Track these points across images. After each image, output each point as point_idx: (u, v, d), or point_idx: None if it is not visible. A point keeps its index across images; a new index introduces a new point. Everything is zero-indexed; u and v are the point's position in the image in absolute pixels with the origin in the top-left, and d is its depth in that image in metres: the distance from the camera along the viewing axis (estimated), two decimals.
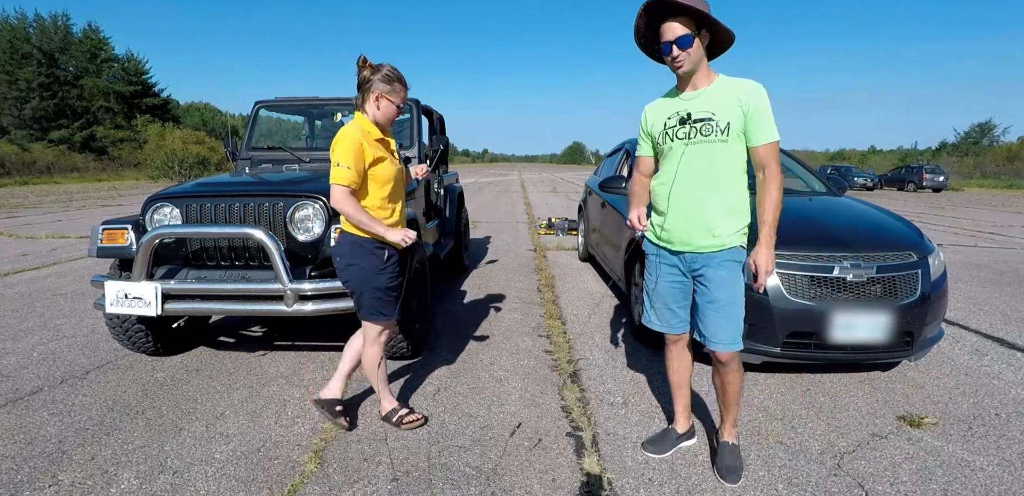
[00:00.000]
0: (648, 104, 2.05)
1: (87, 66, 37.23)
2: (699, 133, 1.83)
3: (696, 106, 1.85)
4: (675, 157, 1.90)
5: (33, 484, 1.93)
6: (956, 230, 9.71)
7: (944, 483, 1.98)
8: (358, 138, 1.98)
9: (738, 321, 1.90)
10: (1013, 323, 3.95)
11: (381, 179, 2.07)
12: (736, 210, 1.90)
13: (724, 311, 1.89)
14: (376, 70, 2.05)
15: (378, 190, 2.09)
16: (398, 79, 2.07)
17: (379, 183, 2.07)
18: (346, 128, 2.04)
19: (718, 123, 1.81)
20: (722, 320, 1.89)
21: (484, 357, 3.23)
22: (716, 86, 1.85)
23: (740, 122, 1.80)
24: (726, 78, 1.87)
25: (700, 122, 1.83)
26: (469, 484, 1.96)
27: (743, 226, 1.92)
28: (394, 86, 2.05)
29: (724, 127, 1.80)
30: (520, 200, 15.71)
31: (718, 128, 1.81)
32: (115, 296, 2.57)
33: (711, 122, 1.82)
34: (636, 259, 3.57)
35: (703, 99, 1.85)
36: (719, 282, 1.89)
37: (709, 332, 1.92)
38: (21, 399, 2.63)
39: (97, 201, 14.95)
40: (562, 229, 8.40)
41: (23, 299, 4.47)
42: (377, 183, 2.07)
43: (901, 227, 3.13)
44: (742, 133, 1.82)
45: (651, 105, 2.03)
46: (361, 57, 2.06)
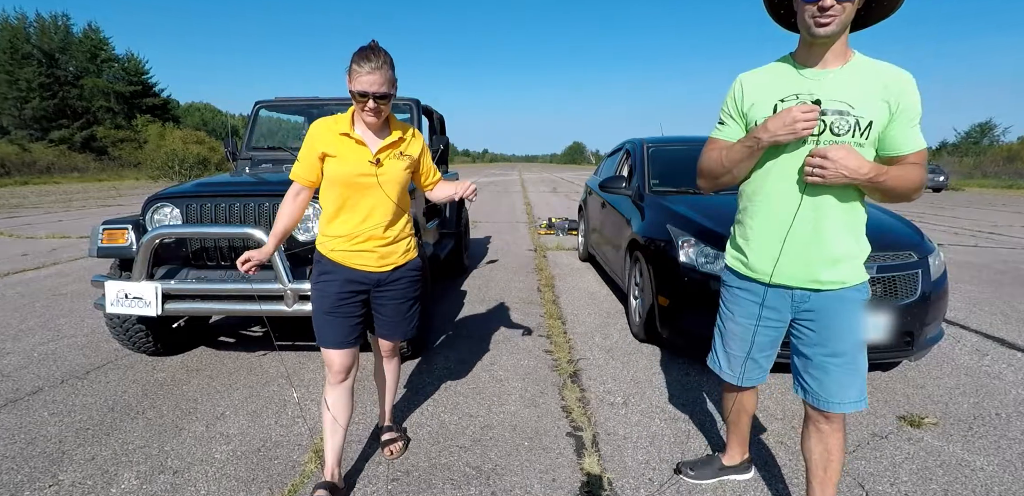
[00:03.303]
0: (746, 73, 1.55)
1: (87, 66, 37.24)
2: (829, 130, 1.37)
3: (827, 90, 1.38)
4: (791, 158, 1.41)
5: (33, 484, 1.93)
6: (956, 230, 9.70)
7: (944, 483, 1.98)
8: (315, 128, 1.79)
9: (865, 374, 1.50)
10: (1013, 323, 3.95)
11: (328, 179, 1.78)
12: (862, 234, 1.48)
13: (851, 365, 1.47)
14: None
15: (328, 193, 1.80)
16: (357, 58, 1.64)
17: (327, 184, 1.80)
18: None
19: (859, 120, 1.35)
20: (848, 376, 1.47)
21: (484, 357, 3.23)
22: (853, 68, 1.38)
23: (883, 121, 1.36)
24: (864, 58, 1.40)
25: (834, 115, 1.36)
26: (469, 484, 1.96)
27: (867, 255, 1.50)
28: (351, 67, 1.65)
29: (865, 127, 1.35)
30: (520, 200, 15.71)
31: (857, 127, 1.35)
32: (115, 296, 2.57)
33: (847, 117, 1.35)
34: (635, 259, 3.57)
35: (836, 82, 1.38)
36: (842, 328, 1.46)
37: (829, 392, 1.48)
38: (21, 399, 2.63)
39: (97, 201, 14.96)
40: (562, 229, 8.40)
41: (23, 299, 4.47)
42: (326, 184, 1.80)
43: (901, 227, 3.13)
44: (879, 137, 1.38)
45: (753, 75, 1.53)
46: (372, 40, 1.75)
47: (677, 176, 4.24)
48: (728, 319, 1.69)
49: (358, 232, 1.78)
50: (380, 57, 1.64)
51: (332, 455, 1.88)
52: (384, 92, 1.65)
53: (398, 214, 1.86)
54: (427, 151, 1.97)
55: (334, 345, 1.84)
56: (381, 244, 1.82)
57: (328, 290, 1.82)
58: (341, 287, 1.82)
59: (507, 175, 37.99)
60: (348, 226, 1.79)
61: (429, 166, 2.00)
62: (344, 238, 1.79)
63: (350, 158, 1.74)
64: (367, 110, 1.68)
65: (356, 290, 1.85)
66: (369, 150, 1.76)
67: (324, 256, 1.83)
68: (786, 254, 1.46)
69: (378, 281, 1.87)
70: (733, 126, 1.55)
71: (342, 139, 1.75)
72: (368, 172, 1.75)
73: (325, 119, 1.79)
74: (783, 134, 1.34)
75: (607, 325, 3.85)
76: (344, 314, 1.84)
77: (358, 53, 1.65)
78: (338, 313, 1.83)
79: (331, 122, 1.78)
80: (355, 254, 1.81)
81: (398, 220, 1.87)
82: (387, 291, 1.90)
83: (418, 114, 4.30)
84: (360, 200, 1.77)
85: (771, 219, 1.48)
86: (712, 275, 2.83)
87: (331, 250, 1.81)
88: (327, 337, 1.84)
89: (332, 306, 1.82)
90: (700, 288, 2.86)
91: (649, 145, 4.57)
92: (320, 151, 1.75)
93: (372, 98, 1.65)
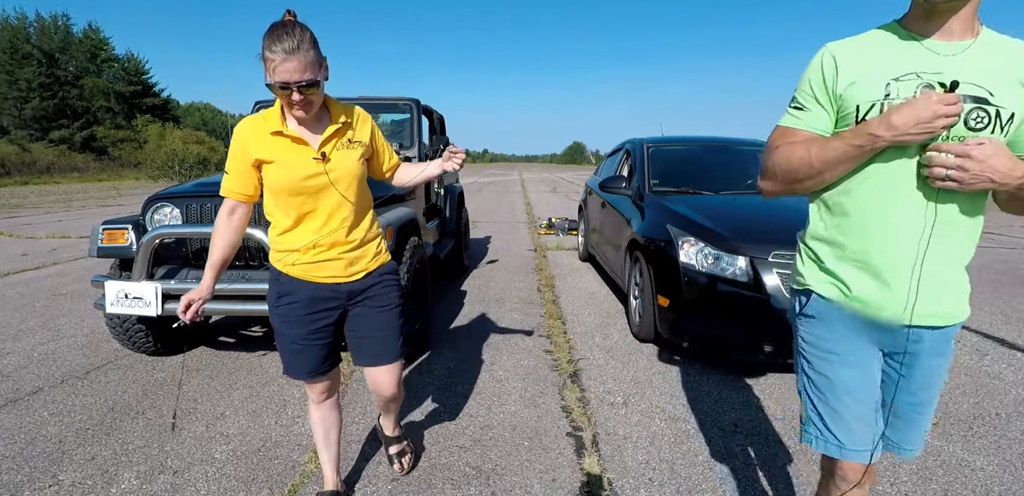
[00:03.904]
0: (836, 42, 1.15)
1: (87, 66, 37.24)
2: (964, 122, 1.01)
3: (960, 69, 1.02)
4: (905, 157, 1.04)
5: (33, 484, 1.93)
6: None
7: (944, 483, 1.98)
8: (241, 131, 1.48)
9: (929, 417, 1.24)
10: (1013, 323, 3.95)
11: (271, 190, 1.49)
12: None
13: (927, 411, 1.22)
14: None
15: (274, 205, 1.52)
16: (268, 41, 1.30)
17: (271, 195, 1.50)
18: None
19: (999, 111, 1.00)
20: (922, 421, 1.22)
21: (484, 357, 3.23)
22: (985, 43, 1.04)
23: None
24: (992, 32, 1.07)
25: (971, 103, 1.00)
26: (469, 484, 1.96)
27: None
28: (263, 53, 1.32)
29: (1007, 120, 1.01)
30: (520, 200, 15.71)
31: (998, 120, 1.01)
32: (115, 296, 2.57)
33: (986, 108, 1.00)
34: (635, 259, 3.57)
35: (971, 60, 1.03)
36: (933, 371, 1.18)
37: (899, 436, 1.23)
38: (21, 399, 2.63)
39: (97, 201, 14.95)
40: (562, 229, 8.40)
41: (23, 299, 4.47)
42: (270, 195, 1.51)
43: None
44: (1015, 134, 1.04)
45: (848, 44, 1.13)
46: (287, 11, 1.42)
47: (677, 176, 4.24)
48: (835, 364, 1.18)
49: (318, 241, 1.51)
50: (295, 35, 1.29)
51: (329, 466, 1.79)
52: (310, 79, 1.33)
53: (361, 212, 1.60)
54: (378, 131, 1.67)
55: (309, 377, 1.64)
56: (347, 249, 1.56)
57: (292, 315, 1.56)
58: (307, 308, 1.56)
59: (507, 175, 38.00)
60: (305, 236, 1.51)
61: (383, 148, 1.69)
62: (302, 250, 1.52)
63: (290, 160, 1.45)
64: (294, 104, 1.37)
65: (326, 308, 1.59)
66: (310, 146, 1.47)
67: (281, 273, 1.56)
68: (923, 284, 1.07)
69: (350, 293, 1.60)
70: (818, 112, 1.14)
71: (276, 140, 1.45)
72: (315, 171, 1.46)
73: (250, 118, 1.49)
74: (914, 133, 0.97)
75: (607, 325, 3.85)
76: (315, 340, 1.59)
77: (268, 34, 1.30)
78: (309, 341, 1.58)
79: (258, 121, 1.47)
80: (318, 265, 1.54)
81: (362, 219, 1.60)
82: (362, 303, 1.64)
83: (418, 114, 4.31)
84: (314, 205, 1.50)
85: (891, 238, 1.08)
86: (712, 275, 2.83)
87: (290, 265, 1.54)
88: (297, 369, 1.62)
89: (301, 335, 1.58)
90: (700, 288, 2.87)
91: (649, 145, 4.57)
92: (253, 158, 1.46)
93: (296, 89, 1.33)
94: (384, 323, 1.67)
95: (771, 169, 1.20)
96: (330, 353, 1.66)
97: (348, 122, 1.54)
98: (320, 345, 1.61)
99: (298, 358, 1.61)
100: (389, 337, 1.68)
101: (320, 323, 1.59)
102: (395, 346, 1.70)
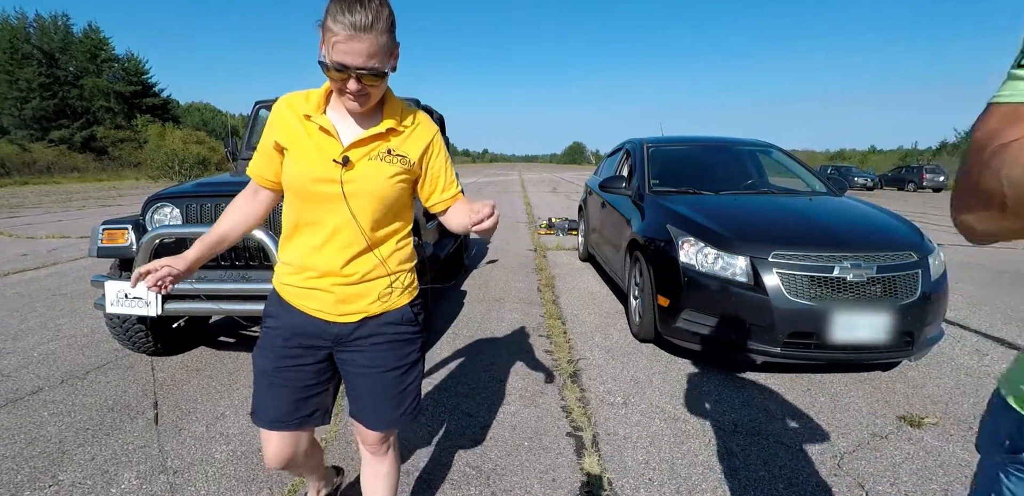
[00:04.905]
0: None
1: (87, 66, 37.25)
2: None
3: None
4: None
5: (33, 484, 1.93)
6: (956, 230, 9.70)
7: (944, 483, 1.98)
8: (276, 108, 1.23)
9: None
10: (1013, 323, 3.95)
11: (286, 180, 1.22)
12: None
13: None
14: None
15: (285, 202, 1.27)
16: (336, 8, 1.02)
17: (284, 189, 1.25)
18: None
19: None
20: None
21: (484, 357, 3.23)
22: None
23: None
24: None
25: None
26: (469, 484, 1.96)
27: None
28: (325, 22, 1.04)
29: None
30: (520, 200, 15.70)
31: None
32: (115, 296, 2.57)
33: None
34: (635, 259, 3.57)
35: None
36: None
37: None
38: (21, 399, 2.63)
39: (97, 201, 14.95)
40: (562, 229, 8.40)
41: (23, 299, 4.47)
42: (284, 189, 1.25)
43: (901, 227, 3.13)
44: None
45: None
46: None
47: (677, 176, 4.24)
48: None
49: (311, 264, 1.22)
50: (372, 9, 1.02)
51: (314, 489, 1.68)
52: (375, 67, 1.06)
53: (376, 242, 1.24)
54: (440, 152, 1.30)
55: (267, 423, 1.30)
56: (341, 282, 1.23)
57: (270, 342, 1.29)
58: (286, 339, 1.27)
59: (507, 175, 37.99)
60: (298, 251, 1.24)
61: (438, 175, 1.30)
62: (296, 269, 1.25)
63: (307, 153, 1.17)
64: (348, 93, 1.10)
65: (308, 346, 1.28)
66: (338, 142, 1.17)
67: (275, 291, 1.31)
68: None
69: (337, 337, 1.27)
70: None
71: (303, 124, 1.18)
72: (328, 176, 1.15)
73: (293, 94, 1.23)
74: None
75: (607, 325, 3.85)
76: (287, 380, 1.28)
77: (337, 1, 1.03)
78: (279, 377, 1.28)
79: (297, 99, 1.21)
80: (306, 293, 1.24)
81: (373, 251, 1.24)
82: (354, 353, 1.29)
83: None
84: (316, 217, 1.20)
85: None
86: (712, 275, 2.83)
87: (282, 283, 1.28)
88: (260, 408, 1.31)
89: (272, 366, 1.28)
90: (700, 288, 2.87)
91: (649, 145, 4.57)
92: (274, 139, 1.21)
93: (355, 76, 1.06)
94: (385, 386, 1.31)
95: (996, 188, 0.54)
96: (302, 403, 1.30)
97: (397, 128, 1.21)
98: (291, 388, 1.28)
99: (263, 395, 1.30)
100: (384, 404, 1.32)
101: (296, 361, 1.28)
102: (391, 415, 1.33)
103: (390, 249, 1.28)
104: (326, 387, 1.35)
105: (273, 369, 1.28)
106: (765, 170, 4.55)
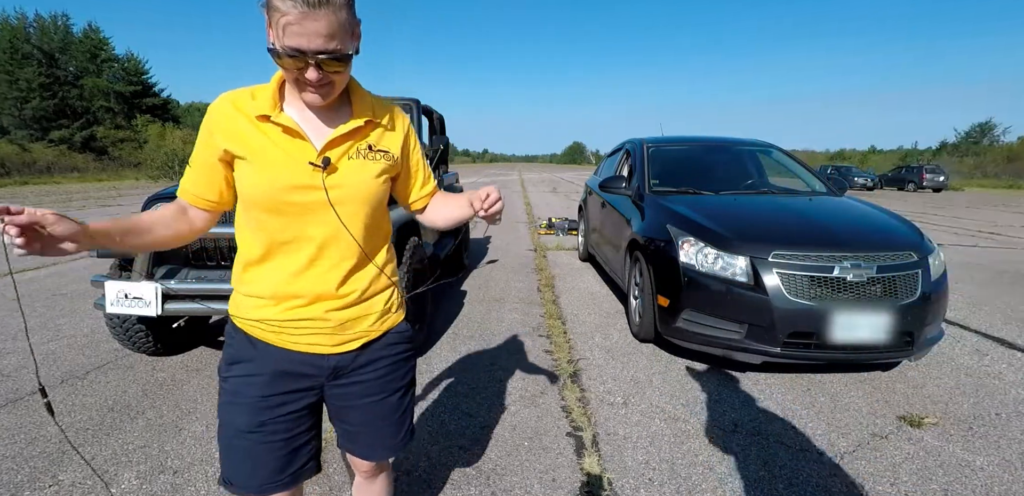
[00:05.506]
0: None
1: (87, 66, 37.24)
2: None
3: None
4: None
5: (33, 484, 1.93)
6: (956, 230, 9.70)
7: (944, 483, 1.98)
8: (215, 110, 1.01)
9: None
10: (1013, 323, 3.95)
11: (242, 198, 1.03)
12: None
13: None
14: None
15: (244, 223, 1.05)
16: None
17: (242, 207, 1.05)
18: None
19: None
20: None
21: (484, 357, 3.23)
22: None
23: None
24: None
25: None
26: (469, 484, 1.96)
27: None
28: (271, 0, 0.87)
29: None
30: (520, 200, 15.70)
31: None
32: (115, 296, 2.57)
33: None
34: (635, 259, 3.57)
35: None
36: None
37: None
38: (21, 399, 2.63)
39: (97, 201, 14.94)
40: (562, 229, 8.40)
41: (23, 299, 4.47)
42: (241, 207, 1.05)
43: (901, 227, 3.13)
44: None
45: None
46: None
47: (677, 176, 4.24)
48: None
49: (295, 291, 1.03)
50: None
51: None
52: (336, 49, 0.89)
53: (371, 251, 1.10)
54: (416, 143, 1.19)
55: (255, 490, 1.09)
56: (339, 306, 1.06)
57: (244, 394, 1.06)
58: (268, 387, 1.06)
59: (507, 175, 38.00)
60: (278, 278, 1.03)
61: (417, 168, 1.19)
62: (272, 300, 1.04)
63: (275, 160, 0.98)
64: (308, 84, 0.93)
65: (298, 389, 1.09)
66: (311, 144, 0.99)
67: (239, 330, 1.08)
68: None
69: (335, 369, 1.10)
70: None
71: (260, 127, 0.98)
72: (308, 183, 0.99)
73: (236, 92, 1.02)
74: None
75: (607, 325, 3.85)
76: (273, 436, 1.06)
77: None
78: (264, 435, 1.06)
79: (242, 97, 1.00)
80: (292, 326, 1.05)
81: (369, 262, 1.10)
82: (353, 384, 1.13)
83: (418, 114, 4.30)
84: (298, 232, 1.02)
85: None
86: (712, 275, 2.83)
87: (251, 321, 1.06)
88: (242, 475, 1.09)
89: (252, 424, 1.05)
90: (700, 288, 2.87)
91: (649, 145, 4.57)
92: (221, 148, 1.00)
93: (314, 61, 0.89)
94: (386, 412, 1.18)
95: None
96: (294, 455, 1.10)
97: (376, 122, 1.07)
98: (281, 442, 1.08)
99: (246, 459, 1.08)
100: (389, 429, 1.20)
101: (282, 410, 1.07)
102: (394, 441, 1.22)
103: (384, 258, 1.15)
104: (318, 429, 1.18)
105: (254, 426, 1.05)
106: (765, 170, 4.55)
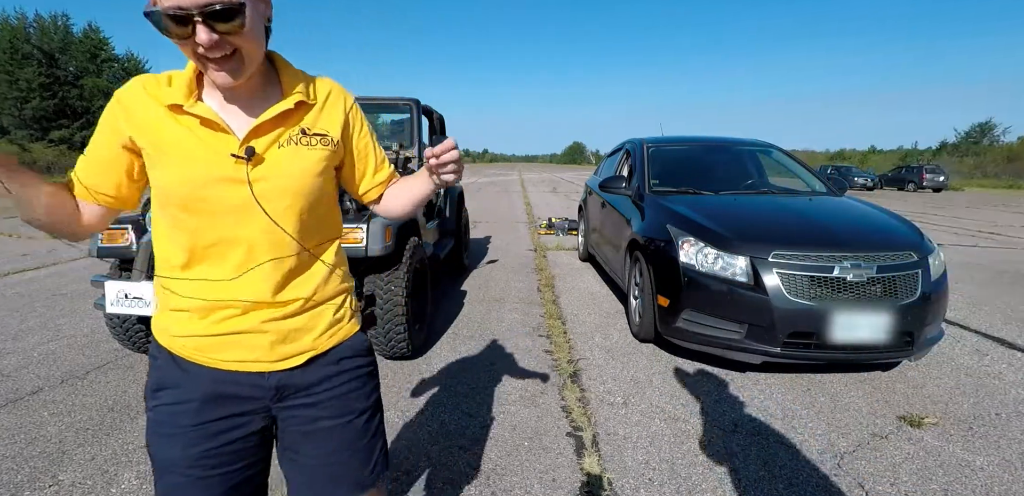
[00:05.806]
0: None
1: (87, 66, 37.25)
2: None
3: None
4: None
5: (33, 484, 1.93)
6: (956, 230, 9.70)
7: (944, 483, 1.98)
8: (122, 95, 0.87)
9: None
10: (1013, 323, 3.95)
11: (155, 195, 0.89)
12: None
13: None
14: None
15: (160, 223, 0.91)
16: None
17: (157, 205, 0.90)
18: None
19: None
20: None
21: (484, 357, 3.23)
22: None
23: None
24: None
25: None
26: (469, 484, 1.96)
27: None
28: None
29: None
30: (520, 200, 15.70)
31: None
32: (115, 296, 2.57)
33: None
34: (635, 259, 3.57)
35: None
36: None
37: None
38: (21, 399, 2.63)
39: None
40: (562, 229, 8.40)
41: (23, 299, 4.47)
42: (157, 204, 0.89)
43: (901, 227, 3.13)
44: None
45: None
46: None
47: (677, 176, 4.25)
48: None
49: (223, 299, 0.89)
50: None
51: None
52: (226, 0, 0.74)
53: (312, 253, 0.95)
54: (362, 123, 1.02)
55: None
56: (278, 316, 0.92)
57: (174, 424, 0.90)
58: (200, 414, 0.90)
59: (507, 175, 38.00)
60: (204, 288, 0.89)
61: (368, 151, 1.03)
62: (198, 313, 0.90)
63: (190, 153, 0.85)
64: (207, 58, 0.79)
65: (237, 413, 0.92)
66: (231, 134, 0.86)
67: (163, 350, 0.93)
68: None
69: (279, 389, 0.94)
70: None
71: (173, 118, 0.85)
72: (229, 176, 0.85)
73: (148, 77, 0.88)
74: None
75: (607, 325, 3.85)
76: (213, 468, 0.90)
77: None
78: (200, 469, 0.90)
79: (154, 83, 0.87)
80: (224, 341, 0.90)
81: (312, 264, 0.96)
82: (304, 406, 0.96)
83: (418, 114, 4.30)
84: (222, 233, 0.88)
85: None
86: (712, 275, 2.83)
87: (175, 336, 0.92)
88: None
89: (188, 459, 0.89)
90: (700, 288, 2.86)
91: (649, 145, 4.57)
92: (126, 136, 0.86)
93: (202, 19, 0.74)
94: (351, 437, 0.98)
95: None
96: (239, 491, 0.94)
97: (309, 103, 0.93)
98: (220, 477, 0.91)
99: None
100: (355, 459, 0.99)
101: (222, 439, 0.91)
102: (365, 472, 1.00)
103: (332, 259, 0.99)
104: (268, 460, 1.00)
105: (191, 459, 0.89)
106: (765, 170, 4.55)
